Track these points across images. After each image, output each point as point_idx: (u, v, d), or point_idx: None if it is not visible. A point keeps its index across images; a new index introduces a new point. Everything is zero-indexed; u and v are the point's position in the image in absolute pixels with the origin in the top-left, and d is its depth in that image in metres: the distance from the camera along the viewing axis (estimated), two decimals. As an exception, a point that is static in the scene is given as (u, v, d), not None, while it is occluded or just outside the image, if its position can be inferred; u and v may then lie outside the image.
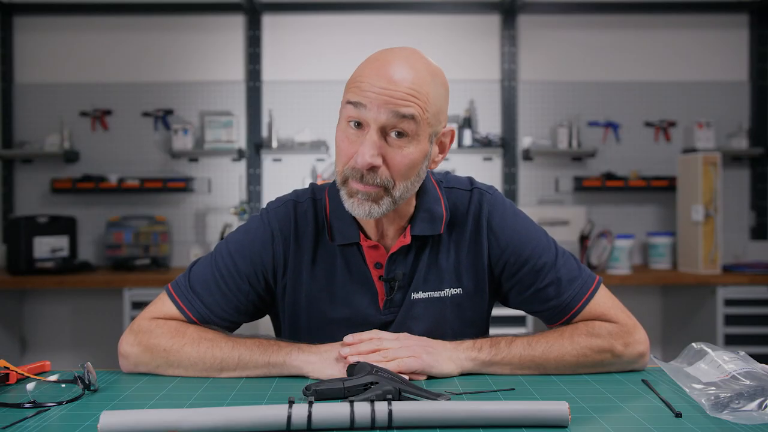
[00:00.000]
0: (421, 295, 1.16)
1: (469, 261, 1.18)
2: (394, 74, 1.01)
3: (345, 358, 1.03)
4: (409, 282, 1.17)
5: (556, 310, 1.16)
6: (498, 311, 1.31)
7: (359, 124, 1.04)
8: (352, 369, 0.98)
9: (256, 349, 1.07)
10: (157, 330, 1.12)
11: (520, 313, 3.07)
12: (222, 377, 1.08)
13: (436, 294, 1.17)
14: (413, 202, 1.17)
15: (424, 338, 1.10)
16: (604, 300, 1.16)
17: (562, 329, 1.13)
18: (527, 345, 1.09)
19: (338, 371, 1.03)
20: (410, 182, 1.07)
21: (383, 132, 1.03)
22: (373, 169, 1.03)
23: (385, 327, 1.16)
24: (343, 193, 1.09)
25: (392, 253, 1.15)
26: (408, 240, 1.14)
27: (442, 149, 1.14)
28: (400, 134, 1.03)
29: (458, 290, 1.18)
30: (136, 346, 1.11)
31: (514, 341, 1.09)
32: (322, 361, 1.06)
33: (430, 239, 1.17)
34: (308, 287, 1.18)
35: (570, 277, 1.16)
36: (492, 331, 1.32)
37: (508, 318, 3.06)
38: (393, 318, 1.16)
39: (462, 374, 1.07)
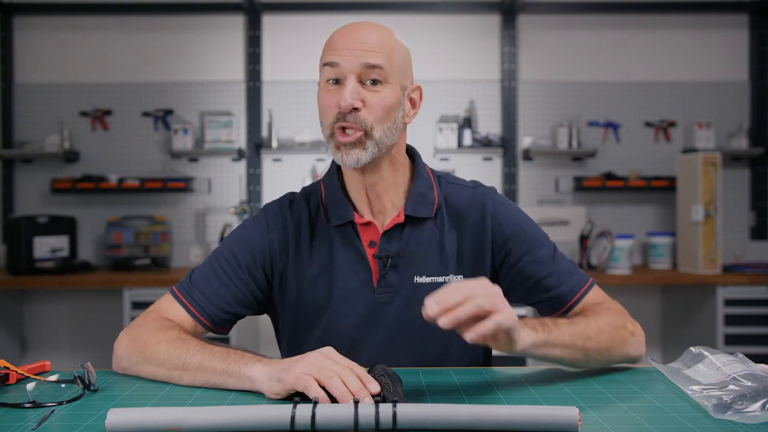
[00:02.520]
0: (425, 279, 1.19)
1: (471, 250, 1.21)
2: (360, 32, 1.14)
3: (301, 375, 0.91)
4: (410, 264, 1.19)
5: (557, 299, 1.20)
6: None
7: (337, 81, 1.13)
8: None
9: (219, 355, 1.01)
10: (147, 324, 1.13)
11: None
12: (184, 383, 1.03)
13: (441, 279, 1.19)
14: (404, 175, 1.22)
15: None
16: (598, 296, 1.22)
17: (584, 313, 1.16)
18: (570, 323, 1.08)
19: (281, 389, 0.92)
20: (387, 126, 1.14)
21: (359, 80, 1.12)
22: (354, 111, 1.11)
23: (382, 307, 1.19)
24: (331, 147, 1.16)
25: (386, 230, 1.19)
26: (402, 218, 1.19)
27: (413, 105, 1.22)
28: (374, 82, 1.12)
29: (460, 278, 1.20)
30: (126, 338, 1.12)
31: (557, 320, 1.08)
32: (271, 373, 0.94)
33: (429, 223, 1.21)
34: (309, 272, 1.20)
35: (569, 271, 1.22)
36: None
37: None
38: (390, 298, 1.18)
39: (514, 353, 0.99)
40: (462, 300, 0.89)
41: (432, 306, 0.89)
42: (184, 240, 3.82)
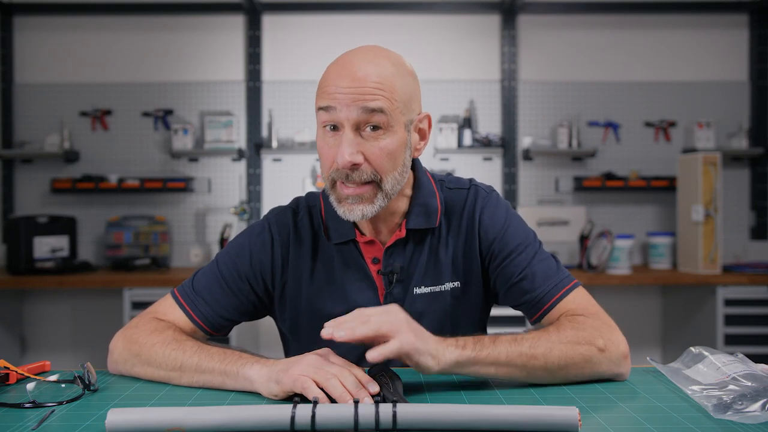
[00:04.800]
0: (423, 290, 1.18)
1: (464, 254, 1.19)
2: (357, 72, 1.04)
3: (299, 376, 0.91)
4: (410, 276, 1.17)
5: (531, 304, 1.16)
6: (498, 311, 1.31)
7: (335, 127, 1.06)
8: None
9: (216, 356, 1.02)
10: (142, 326, 1.12)
11: (520, 313, 3.07)
12: (183, 384, 1.03)
13: (437, 288, 1.18)
14: (406, 198, 1.18)
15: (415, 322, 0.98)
16: (579, 300, 1.14)
17: (547, 327, 1.08)
18: (513, 341, 1.00)
19: (279, 390, 0.92)
20: (397, 173, 1.08)
21: (358, 129, 1.05)
22: (355, 167, 1.05)
23: None
24: (332, 199, 1.11)
25: (388, 246, 1.17)
26: (403, 233, 1.16)
27: (423, 136, 1.16)
28: (374, 128, 1.04)
29: (456, 284, 1.19)
30: (121, 339, 1.12)
31: (499, 338, 1.00)
32: (269, 374, 0.95)
33: (428, 234, 1.18)
34: (309, 288, 1.19)
35: (546, 274, 1.16)
36: (491, 330, 1.32)
37: (509, 318, 3.05)
38: None
39: (440, 372, 0.96)
40: (361, 323, 0.92)
41: (327, 330, 0.91)
42: (184, 240, 3.82)
